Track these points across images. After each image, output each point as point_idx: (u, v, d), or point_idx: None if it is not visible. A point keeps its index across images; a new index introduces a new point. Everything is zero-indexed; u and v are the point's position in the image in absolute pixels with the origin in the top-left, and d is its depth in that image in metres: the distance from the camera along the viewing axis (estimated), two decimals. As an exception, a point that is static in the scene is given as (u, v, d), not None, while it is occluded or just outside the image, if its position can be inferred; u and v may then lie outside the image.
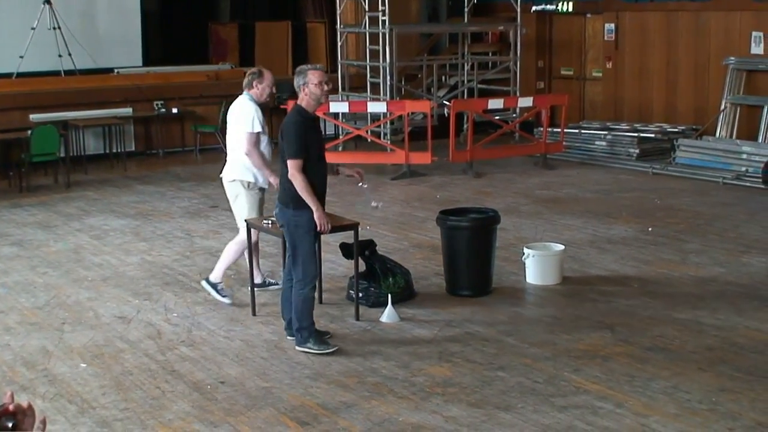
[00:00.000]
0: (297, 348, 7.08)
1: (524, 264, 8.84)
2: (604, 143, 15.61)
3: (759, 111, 14.87)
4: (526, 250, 8.87)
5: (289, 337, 7.28)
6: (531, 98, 15.68)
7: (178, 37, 21.10)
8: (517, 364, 6.82)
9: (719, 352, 7.00)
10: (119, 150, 15.80)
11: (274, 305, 8.12)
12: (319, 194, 7.03)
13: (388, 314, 7.84)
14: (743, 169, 13.62)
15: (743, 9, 15.16)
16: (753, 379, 6.47)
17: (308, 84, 6.99)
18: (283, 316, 7.41)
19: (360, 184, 7.63)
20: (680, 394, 6.23)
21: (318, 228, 6.95)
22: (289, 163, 6.87)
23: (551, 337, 7.36)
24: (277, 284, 8.63)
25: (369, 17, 16.26)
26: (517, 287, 8.73)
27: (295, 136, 6.87)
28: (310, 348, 7.02)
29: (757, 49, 15.11)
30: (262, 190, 8.39)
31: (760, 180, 12.29)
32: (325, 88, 7.02)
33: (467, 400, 6.21)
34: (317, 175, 7.02)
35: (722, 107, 15.27)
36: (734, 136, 15.05)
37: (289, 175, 6.89)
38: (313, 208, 6.90)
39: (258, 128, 8.12)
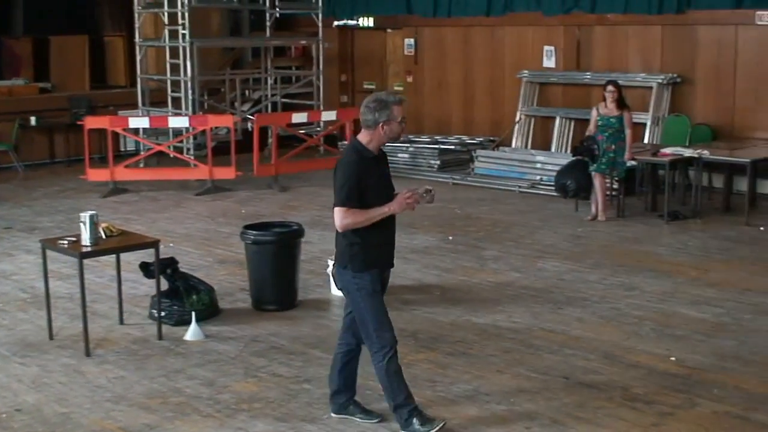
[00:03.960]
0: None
1: (329, 276, 8.90)
2: (406, 155, 15.90)
3: (551, 122, 15.52)
4: (330, 262, 8.92)
5: (333, 414, 6.16)
6: (334, 112, 15.83)
7: (-32, 52, 20.16)
8: (323, 376, 6.82)
9: (516, 354, 7.25)
10: None
11: (72, 328, 7.88)
12: (385, 253, 5.89)
13: (192, 332, 7.74)
14: (538, 177, 14.16)
15: (535, 24, 15.78)
16: (549, 379, 6.74)
17: (391, 121, 5.70)
18: (329, 385, 6.22)
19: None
20: (480, 396, 6.42)
21: (408, 200, 5.75)
22: (335, 211, 5.65)
23: (356, 347, 7.43)
24: None
25: (169, 30, 16.02)
26: (323, 299, 8.79)
27: (344, 179, 5.64)
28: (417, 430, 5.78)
29: (549, 62, 15.75)
30: None
31: (553, 187, 12.79)
32: (404, 125, 5.82)
33: (273, 415, 6.20)
34: (381, 227, 5.77)
35: (517, 119, 15.85)
36: (529, 147, 15.66)
37: (338, 227, 5.70)
38: (385, 212, 5.72)
39: None
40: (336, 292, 8.84)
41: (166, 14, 16.04)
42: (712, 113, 13.94)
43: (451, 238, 10.92)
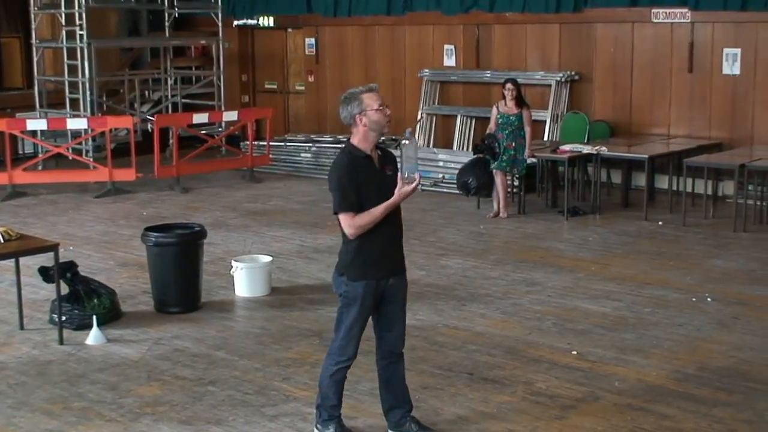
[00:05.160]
0: (315, 428, 5.85)
1: (233, 277, 8.87)
2: (309, 155, 15.91)
3: (453, 120, 15.68)
4: (234, 263, 8.89)
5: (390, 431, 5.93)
6: (236, 112, 15.73)
7: None
8: (227, 378, 6.82)
9: (421, 351, 7.31)
10: None
11: (-30, 335, 7.70)
12: (385, 262, 5.60)
13: (93, 336, 7.63)
14: (440, 176, 14.28)
15: (436, 23, 15.91)
16: (453, 375, 6.82)
17: (366, 111, 5.37)
18: (381, 403, 5.97)
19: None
20: (381, 395, 6.44)
21: (411, 186, 5.32)
22: (340, 219, 5.50)
23: (261, 347, 7.42)
24: None
25: (66, 31, 15.75)
26: (227, 301, 8.74)
27: (337, 183, 5.43)
28: None
29: (449, 61, 15.90)
30: None
31: (455, 185, 12.90)
32: (387, 111, 5.45)
33: (177, 418, 6.14)
34: (380, 232, 5.49)
35: (419, 117, 15.96)
36: (431, 145, 15.78)
37: (348, 235, 5.50)
38: (389, 204, 5.40)
39: None
40: (240, 293, 8.82)
41: (63, 15, 15.76)
42: (609, 110, 14.25)
43: (355, 237, 10.95)
